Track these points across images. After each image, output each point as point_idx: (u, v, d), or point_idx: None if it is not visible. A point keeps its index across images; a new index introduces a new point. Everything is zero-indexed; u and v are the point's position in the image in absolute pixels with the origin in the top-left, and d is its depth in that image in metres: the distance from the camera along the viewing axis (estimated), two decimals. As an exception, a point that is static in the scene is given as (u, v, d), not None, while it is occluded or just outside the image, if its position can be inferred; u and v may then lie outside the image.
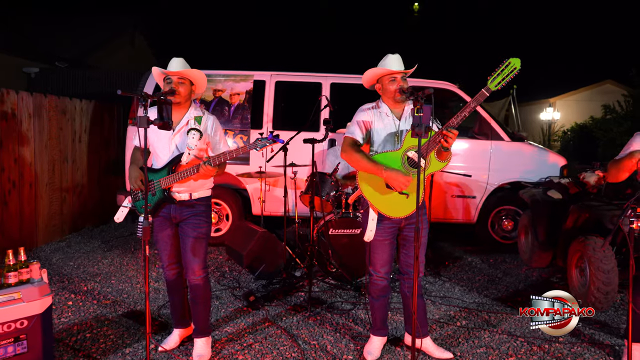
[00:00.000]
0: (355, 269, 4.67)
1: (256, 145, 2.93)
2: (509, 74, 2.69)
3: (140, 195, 3.17)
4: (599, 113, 14.78)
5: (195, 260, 3.10)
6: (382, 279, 3.14)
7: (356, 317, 3.88)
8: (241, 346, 3.33)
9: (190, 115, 3.16)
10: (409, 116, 3.06)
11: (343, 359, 3.17)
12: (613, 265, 3.94)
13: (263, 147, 2.91)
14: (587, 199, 4.65)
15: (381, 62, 3.06)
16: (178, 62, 3.10)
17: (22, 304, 2.73)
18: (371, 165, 2.91)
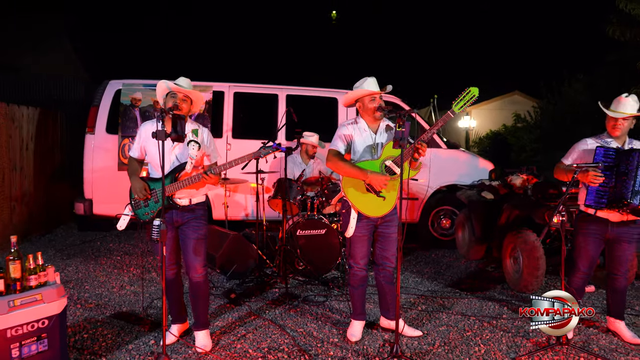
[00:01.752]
0: (321, 266, 5.13)
1: (260, 153, 3.32)
2: (470, 100, 3.30)
3: (142, 204, 3.41)
4: (510, 121, 16.36)
5: (197, 259, 3.41)
6: (361, 269, 3.63)
7: (331, 307, 4.34)
8: (236, 337, 3.67)
9: (188, 128, 3.46)
10: (383, 131, 3.59)
11: (330, 341, 3.62)
12: (541, 253, 4.70)
13: (267, 154, 3.31)
14: (517, 198, 5.44)
15: (360, 84, 3.56)
16: (186, 81, 3.40)
17: (43, 305, 2.92)
18: (355, 170, 3.40)
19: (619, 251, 3.67)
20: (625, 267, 3.74)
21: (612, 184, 3.53)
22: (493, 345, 3.59)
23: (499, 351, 3.50)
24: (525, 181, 5.85)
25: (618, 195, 3.47)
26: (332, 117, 6.76)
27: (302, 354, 3.38)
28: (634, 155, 3.46)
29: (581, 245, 3.72)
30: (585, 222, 3.69)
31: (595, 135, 3.80)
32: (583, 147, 3.76)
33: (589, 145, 3.73)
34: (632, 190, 3.41)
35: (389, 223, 3.56)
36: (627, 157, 3.50)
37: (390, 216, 3.53)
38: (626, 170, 3.47)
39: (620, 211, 3.53)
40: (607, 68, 13.17)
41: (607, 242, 3.70)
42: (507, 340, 3.69)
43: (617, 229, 3.61)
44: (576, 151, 3.79)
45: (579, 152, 3.76)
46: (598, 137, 3.76)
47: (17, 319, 2.79)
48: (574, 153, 3.80)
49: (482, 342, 3.66)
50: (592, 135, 3.81)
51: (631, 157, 3.47)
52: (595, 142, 3.71)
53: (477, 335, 3.79)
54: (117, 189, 6.27)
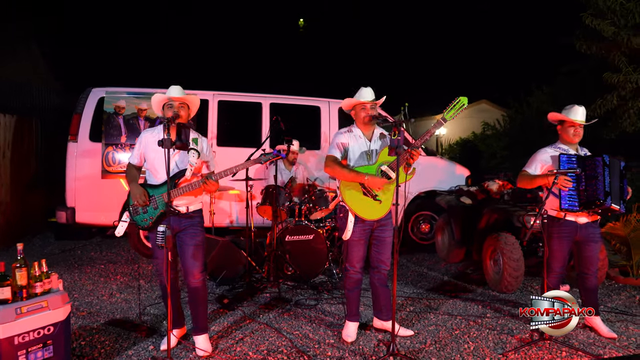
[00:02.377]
0: (309, 271, 5.25)
1: (260, 160, 3.43)
2: (459, 108, 3.49)
3: (141, 210, 3.46)
4: (479, 129, 16.88)
5: (195, 265, 3.48)
6: (357, 272, 3.77)
7: (323, 310, 4.46)
8: (234, 340, 3.75)
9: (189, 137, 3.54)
10: (377, 138, 3.75)
11: (327, 342, 3.74)
12: (520, 255, 4.94)
13: (267, 161, 3.42)
14: (496, 202, 5.69)
15: (356, 94, 3.72)
16: (178, 89, 3.48)
17: (49, 312, 2.95)
18: (353, 174, 3.55)
19: (588, 251, 3.92)
20: (595, 267, 3.99)
21: (583, 187, 3.77)
22: (481, 343, 3.78)
23: (486, 348, 3.69)
24: (501, 187, 6.13)
25: (591, 198, 3.72)
26: (315, 125, 6.91)
27: (301, 355, 3.48)
28: (598, 160, 3.72)
29: (554, 247, 3.94)
30: (556, 226, 3.92)
31: (550, 144, 4.05)
32: (545, 155, 3.98)
33: (550, 153, 3.96)
34: (603, 191, 3.67)
35: (384, 227, 3.71)
36: (590, 162, 3.75)
37: (385, 220, 3.69)
38: (594, 174, 3.72)
39: (591, 212, 3.79)
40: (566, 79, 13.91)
41: (576, 244, 3.94)
42: (494, 338, 3.88)
43: (585, 231, 3.86)
44: (539, 160, 3.99)
45: (542, 160, 3.98)
46: (554, 146, 4.01)
47: (24, 326, 2.81)
48: (536, 162, 4.00)
49: (471, 339, 3.84)
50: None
51: (596, 162, 3.73)
52: (554, 151, 3.95)
53: (464, 333, 3.97)
54: (101, 197, 6.26)
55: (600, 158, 3.72)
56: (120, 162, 6.30)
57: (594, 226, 3.88)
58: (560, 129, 3.97)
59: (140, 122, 6.39)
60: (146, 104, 6.42)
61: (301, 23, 35.07)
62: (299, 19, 34.33)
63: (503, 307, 4.63)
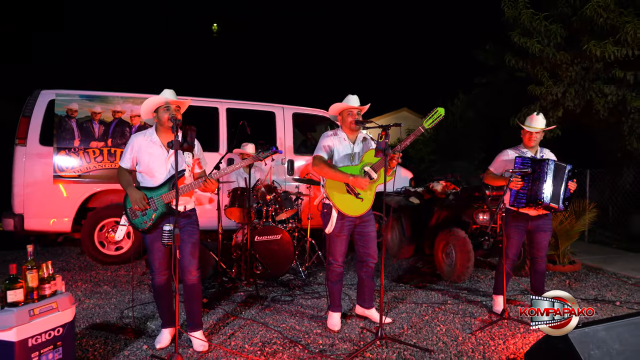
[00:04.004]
0: (277, 269, 5.45)
1: (259, 157, 3.61)
2: (437, 118, 3.85)
3: (139, 213, 3.52)
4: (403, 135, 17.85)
5: (192, 262, 3.60)
6: (339, 266, 4.06)
7: (300, 304, 4.70)
8: (225, 336, 3.88)
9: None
10: (360, 142, 4.07)
11: (314, 332, 3.98)
12: (471, 248, 5.48)
13: (265, 157, 3.62)
14: (443, 201, 6.23)
15: (344, 100, 4.03)
16: (173, 92, 3.58)
17: (58, 313, 2.96)
18: (339, 174, 3.84)
19: (538, 239, 4.50)
20: (544, 252, 4.58)
21: (529, 186, 4.34)
22: (450, 325, 4.21)
23: (456, 329, 4.12)
24: (445, 187, 6.70)
25: (533, 196, 4.28)
26: (271, 130, 7.12)
27: (295, 345, 3.70)
28: (545, 164, 4.31)
29: (510, 236, 4.49)
30: (512, 218, 4.47)
31: (513, 146, 4.63)
32: (505, 157, 4.56)
33: (510, 155, 4.54)
34: (544, 191, 4.24)
35: (367, 223, 4.04)
36: (539, 164, 4.34)
37: (367, 216, 4.01)
38: (539, 176, 4.30)
39: (535, 208, 4.36)
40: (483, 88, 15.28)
41: (528, 233, 4.52)
42: (459, 320, 4.34)
43: (535, 222, 4.44)
44: (499, 161, 4.58)
45: (501, 161, 4.56)
46: (516, 148, 4.59)
47: (37, 327, 2.81)
48: (497, 162, 4.59)
49: (441, 323, 4.27)
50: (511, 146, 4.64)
51: (543, 165, 4.31)
52: (514, 153, 4.52)
53: (434, 318, 4.39)
54: (52, 202, 6.07)
55: (547, 162, 4.29)
56: (73, 167, 6.11)
57: (545, 218, 4.45)
58: (522, 134, 4.54)
59: (95, 126, 6.25)
60: (100, 107, 6.29)
61: (215, 28, 34.71)
62: (213, 24, 33.90)
63: (460, 294, 5.13)
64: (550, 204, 4.24)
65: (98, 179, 6.23)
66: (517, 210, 4.40)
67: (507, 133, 11.35)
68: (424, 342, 3.83)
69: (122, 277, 5.76)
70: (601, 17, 6.10)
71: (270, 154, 3.62)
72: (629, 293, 5.28)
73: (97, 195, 6.33)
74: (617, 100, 6.63)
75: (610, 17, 6.04)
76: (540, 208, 4.32)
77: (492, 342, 3.83)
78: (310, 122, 8.13)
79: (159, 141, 3.58)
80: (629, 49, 6.15)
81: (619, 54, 6.15)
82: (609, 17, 6.05)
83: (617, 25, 6.07)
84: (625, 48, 6.15)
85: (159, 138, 3.59)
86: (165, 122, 3.51)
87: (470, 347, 3.73)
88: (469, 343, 3.81)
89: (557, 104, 7.15)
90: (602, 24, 6.18)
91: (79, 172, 6.15)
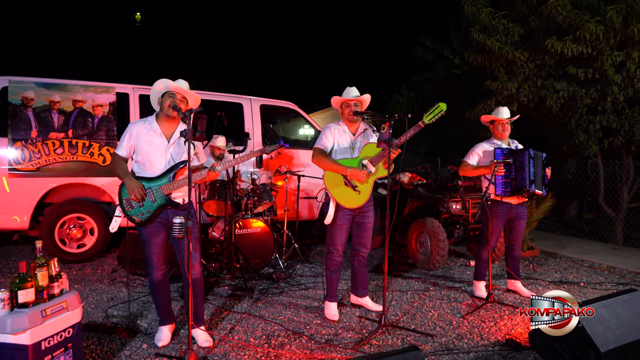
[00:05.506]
0: (258, 262, 5.39)
1: (265, 150, 3.55)
2: (438, 113, 3.92)
3: (136, 204, 3.36)
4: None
5: (195, 256, 3.48)
6: (339, 255, 4.09)
7: (291, 296, 4.68)
8: (225, 330, 3.80)
9: (181, 129, 3.52)
10: (361, 134, 4.10)
11: (314, 322, 3.99)
12: (445, 236, 5.69)
13: (272, 150, 3.56)
14: (412, 192, 6.40)
15: (343, 93, 4.05)
16: (186, 84, 3.46)
17: (68, 313, 2.78)
18: (337, 166, 3.86)
19: (518, 226, 4.75)
20: (521, 239, 4.85)
21: (512, 176, 4.57)
22: (440, 311, 4.36)
23: (447, 314, 4.28)
24: (411, 178, 6.89)
25: (519, 185, 4.52)
26: (239, 121, 6.99)
27: (300, 336, 3.69)
28: (525, 154, 4.55)
29: (493, 224, 4.70)
30: (495, 207, 4.69)
31: (486, 140, 4.84)
32: (481, 149, 4.76)
33: (485, 147, 4.75)
34: (528, 180, 4.49)
35: (366, 214, 4.09)
36: (519, 155, 4.58)
37: (366, 207, 4.06)
38: (521, 164, 4.55)
39: (519, 196, 4.60)
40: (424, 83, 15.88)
41: (509, 221, 4.76)
42: (447, 306, 4.50)
43: (516, 210, 4.69)
44: (476, 153, 4.76)
45: (479, 153, 4.75)
46: (489, 141, 4.81)
47: (50, 329, 2.62)
48: (474, 154, 4.76)
49: (431, 309, 4.41)
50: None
51: (523, 155, 4.55)
52: (489, 146, 4.74)
53: (422, 305, 4.53)
54: (6, 198, 5.64)
55: (527, 152, 4.53)
56: (31, 159, 5.69)
57: (523, 206, 4.72)
58: (492, 128, 4.74)
59: (54, 116, 5.85)
60: (59, 95, 5.90)
61: (138, 17, 33.47)
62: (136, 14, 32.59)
63: (438, 282, 5.32)
64: (536, 191, 4.48)
65: (58, 172, 5.84)
66: (501, 200, 4.61)
67: (450, 127, 11.87)
68: (422, 327, 3.95)
69: (90, 275, 5.45)
70: (560, 15, 6.50)
71: (277, 147, 3.58)
72: (587, 275, 5.71)
73: (58, 190, 5.93)
74: (567, 95, 7.10)
75: (569, 16, 6.45)
76: (525, 195, 4.56)
77: (484, 324, 4.02)
78: (278, 114, 8.06)
79: (160, 130, 3.43)
80: (584, 47, 6.61)
81: (576, 51, 6.59)
82: (568, 15, 6.46)
83: (575, 23, 6.49)
84: (581, 46, 6.60)
85: (159, 126, 3.44)
86: (165, 108, 3.37)
87: (466, 330, 3.89)
88: (463, 326, 3.97)
89: (512, 98, 7.54)
90: (561, 22, 6.58)
91: (37, 165, 5.73)
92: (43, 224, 5.80)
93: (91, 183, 6.01)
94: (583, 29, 6.52)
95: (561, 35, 6.79)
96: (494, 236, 4.67)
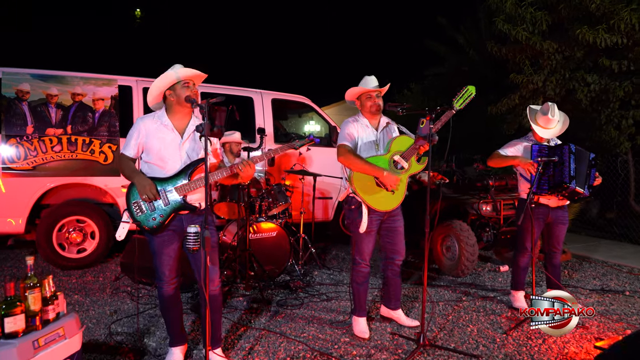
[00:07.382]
0: (273, 270, 4.96)
1: (294, 145, 3.13)
2: (468, 97, 3.54)
3: (147, 208, 2.93)
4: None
5: (214, 269, 3.06)
6: (367, 266, 3.67)
7: (312, 308, 4.25)
8: (244, 351, 3.37)
9: (195, 122, 3.10)
10: (384, 127, 3.68)
11: (342, 341, 3.56)
12: (475, 241, 5.26)
13: (301, 146, 3.14)
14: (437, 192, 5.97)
15: (361, 82, 3.61)
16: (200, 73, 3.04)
17: (66, 341, 2.36)
18: (371, 167, 3.43)
19: (557, 231, 4.33)
20: (561, 245, 4.42)
21: (550, 172, 4.14)
22: (479, 325, 3.94)
23: (487, 329, 3.85)
24: (432, 177, 6.46)
25: (558, 181, 4.09)
26: (250, 116, 6.56)
27: (328, 358, 3.27)
28: (565, 149, 4.13)
29: (528, 228, 4.28)
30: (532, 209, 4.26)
31: (524, 136, 4.41)
32: (519, 145, 4.34)
33: (523, 143, 4.33)
34: (568, 175, 4.06)
35: (395, 217, 3.67)
36: (558, 150, 4.15)
37: (396, 210, 3.64)
38: (561, 160, 4.12)
39: (559, 195, 4.17)
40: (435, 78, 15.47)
41: (546, 226, 4.33)
42: (485, 319, 4.08)
43: (555, 213, 4.26)
44: (513, 147, 4.34)
45: (515, 148, 4.33)
46: (527, 137, 4.39)
47: (43, 362, 2.19)
48: (511, 147, 4.33)
49: (468, 323, 3.99)
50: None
51: (563, 150, 4.12)
52: (528, 142, 4.32)
53: (458, 318, 4.11)
54: (1, 198, 5.21)
55: (567, 146, 4.10)
56: (27, 158, 5.25)
57: (563, 210, 4.28)
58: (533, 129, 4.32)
59: (51, 110, 5.41)
60: (57, 88, 5.45)
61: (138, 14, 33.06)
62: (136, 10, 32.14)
63: (469, 290, 4.89)
64: (576, 188, 4.05)
65: (56, 171, 5.40)
66: (538, 201, 4.19)
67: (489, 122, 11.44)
68: (462, 345, 3.53)
69: (92, 283, 5.02)
70: (593, 3, 6.05)
71: (306, 142, 3.15)
72: (630, 282, 5.28)
73: (56, 190, 5.50)
74: (599, 89, 6.66)
75: (603, 4, 6.00)
76: (565, 193, 4.13)
77: (532, 342, 3.59)
78: (289, 109, 7.62)
79: (171, 124, 3.00)
80: (619, 37, 6.16)
81: (610, 41, 6.14)
82: (601, 3, 6.01)
83: (608, 12, 6.04)
84: (615, 36, 6.15)
85: (170, 121, 3.01)
86: (183, 102, 2.93)
87: (513, 349, 3.46)
88: (509, 345, 3.54)
89: (537, 92, 7.10)
90: (594, 10, 6.13)
91: (33, 164, 5.30)
92: (40, 228, 5.36)
93: (92, 183, 5.57)
94: (617, 17, 6.06)
95: (593, 24, 6.34)
96: (530, 241, 4.25)
